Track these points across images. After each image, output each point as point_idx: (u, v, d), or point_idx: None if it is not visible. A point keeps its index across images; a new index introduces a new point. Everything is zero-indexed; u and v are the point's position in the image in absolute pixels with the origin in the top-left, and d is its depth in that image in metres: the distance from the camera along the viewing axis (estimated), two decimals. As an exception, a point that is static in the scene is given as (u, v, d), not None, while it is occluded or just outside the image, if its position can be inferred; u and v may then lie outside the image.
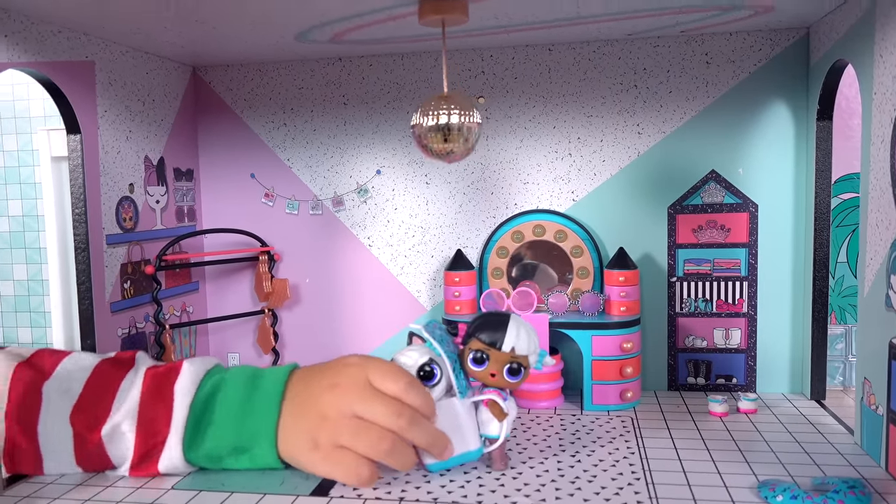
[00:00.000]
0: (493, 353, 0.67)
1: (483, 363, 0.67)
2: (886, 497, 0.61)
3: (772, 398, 0.90)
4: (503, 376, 0.67)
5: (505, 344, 0.66)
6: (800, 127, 0.89)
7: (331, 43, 0.89)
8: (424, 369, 0.66)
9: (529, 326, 0.68)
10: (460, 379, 0.68)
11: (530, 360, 0.68)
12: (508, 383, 0.67)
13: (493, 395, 0.67)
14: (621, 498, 0.61)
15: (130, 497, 0.64)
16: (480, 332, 0.67)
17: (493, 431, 0.67)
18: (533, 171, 0.96)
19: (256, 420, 0.65)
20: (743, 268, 0.92)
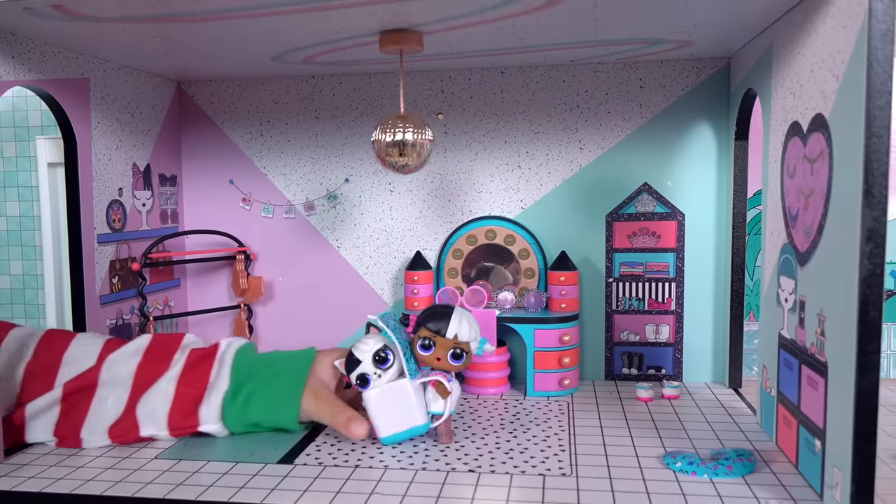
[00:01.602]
0: (438, 340, 0.77)
1: (430, 349, 0.77)
2: (770, 464, 0.72)
3: (695, 386, 1.01)
4: (447, 360, 0.77)
5: (448, 331, 0.77)
6: (721, 146, 1.00)
7: (304, 63, 0.98)
8: (379, 354, 0.77)
9: (471, 317, 0.79)
10: (410, 363, 0.78)
11: (472, 347, 0.78)
12: (452, 366, 0.77)
13: (438, 376, 0.77)
14: (545, 465, 0.72)
15: (119, 465, 0.73)
16: (427, 322, 0.78)
17: (438, 408, 0.78)
18: (486, 181, 1.06)
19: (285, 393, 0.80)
20: (671, 270, 1.03)
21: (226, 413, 0.78)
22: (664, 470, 0.70)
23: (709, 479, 0.68)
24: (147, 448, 0.77)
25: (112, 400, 0.78)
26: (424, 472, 0.71)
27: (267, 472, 0.71)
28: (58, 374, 0.79)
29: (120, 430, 0.77)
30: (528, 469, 0.71)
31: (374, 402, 0.77)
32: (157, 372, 0.80)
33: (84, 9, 0.72)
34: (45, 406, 0.77)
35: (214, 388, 0.79)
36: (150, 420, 0.78)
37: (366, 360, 0.77)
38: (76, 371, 0.79)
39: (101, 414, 0.77)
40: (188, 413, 0.78)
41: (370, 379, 0.77)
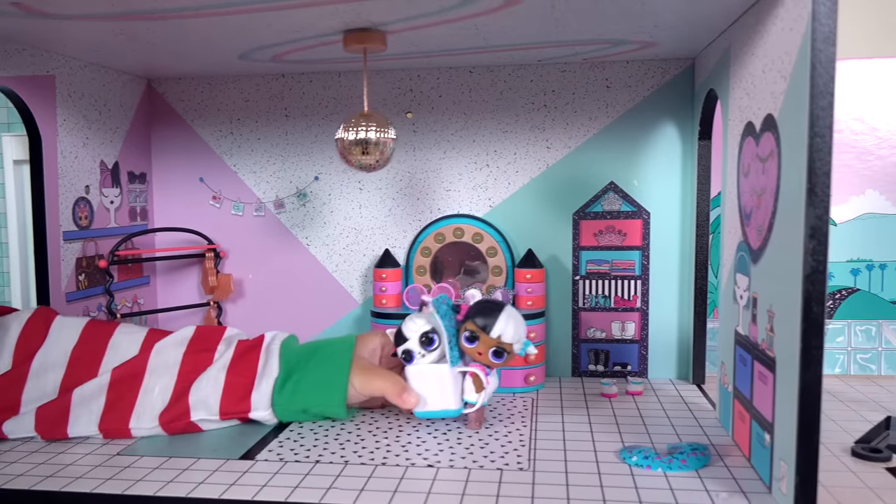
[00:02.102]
0: (482, 336, 0.78)
1: (474, 342, 0.79)
2: (724, 458, 0.73)
3: (660, 382, 1.02)
4: (488, 356, 0.79)
5: (494, 330, 0.78)
6: (686, 145, 1.01)
7: (272, 62, 0.99)
8: (426, 336, 0.81)
9: (519, 318, 0.80)
10: (453, 350, 0.80)
11: (514, 348, 0.80)
12: (492, 363, 0.79)
13: (477, 369, 0.80)
14: (504, 460, 0.73)
15: (81, 461, 0.73)
16: (476, 316, 0.79)
17: (472, 398, 0.80)
18: (455, 179, 1.07)
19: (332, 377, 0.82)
20: (637, 268, 1.04)
21: (275, 400, 0.81)
22: (620, 464, 0.71)
23: (663, 473, 0.69)
24: (110, 445, 0.78)
25: (159, 388, 0.80)
26: (384, 466, 0.71)
27: (227, 467, 0.71)
28: (103, 360, 0.82)
29: (170, 417, 0.79)
30: (486, 464, 0.72)
31: (414, 379, 0.81)
32: (203, 361, 0.83)
33: (45, 6, 0.72)
34: (91, 394, 0.79)
35: (264, 376, 0.82)
36: (202, 406, 0.80)
37: (412, 339, 0.81)
38: (121, 358, 0.82)
39: (149, 402, 0.80)
40: (239, 399, 0.81)
41: (415, 356, 0.81)
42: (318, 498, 0.64)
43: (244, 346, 0.85)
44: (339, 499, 0.64)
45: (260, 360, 0.83)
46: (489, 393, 0.81)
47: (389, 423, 0.84)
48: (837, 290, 1.03)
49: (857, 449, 0.74)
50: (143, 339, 0.84)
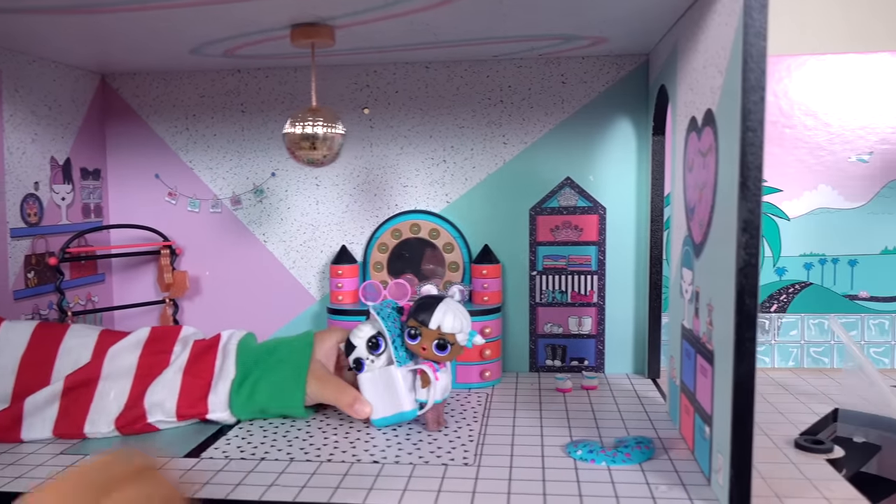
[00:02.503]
0: (423, 330, 0.79)
1: (416, 338, 0.79)
2: (669, 451, 0.73)
3: (616, 377, 1.03)
4: (432, 350, 0.79)
5: (432, 322, 0.78)
6: (641, 141, 1.02)
7: (225, 57, 0.98)
8: (372, 340, 0.82)
9: (459, 310, 0.80)
10: (398, 350, 0.80)
11: (458, 339, 0.79)
12: (437, 357, 0.79)
13: (424, 366, 0.80)
14: (450, 455, 0.73)
15: (21, 461, 0.72)
16: (416, 312, 0.80)
17: (422, 397, 0.80)
18: (412, 175, 1.06)
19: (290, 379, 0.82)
20: (593, 263, 1.04)
21: (233, 401, 0.81)
22: (566, 458, 0.72)
23: (606, 467, 0.69)
24: (54, 444, 0.77)
25: (115, 393, 0.79)
26: (329, 463, 0.71)
27: (171, 465, 0.71)
28: (54, 366, 0.80)
29: (126, 420, 0.78)
30: (431, 459, 0.72)
31: (367, 386, 0.82)
32: (159, 364, 0.82)
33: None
34: (44, 401, 0.78)
35: (221, 377, 0.81)
36: (158, 409, 0.79)
37: (360, 346, 0.82)
38: (73, 364, 0.80)
39: (104, 407, 0.78)
40: (196, 401, 0.80)
41: (364, 363, 0.82)
42: (258, 495, 0.64)
43: (200, 347, 0.84)
44: (279, 495, 0.64)
45: (216, 360, 0.83)
46: (441, 389, 0.81)
47: (341, 421, 0.84)
48: (791, 284, 1.04)
49: (800, 441, 0.74)
50: (95, 342, 0.83)
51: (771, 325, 1.05)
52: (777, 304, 1.04)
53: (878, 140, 1.01)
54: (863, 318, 1.03)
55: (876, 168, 1.01)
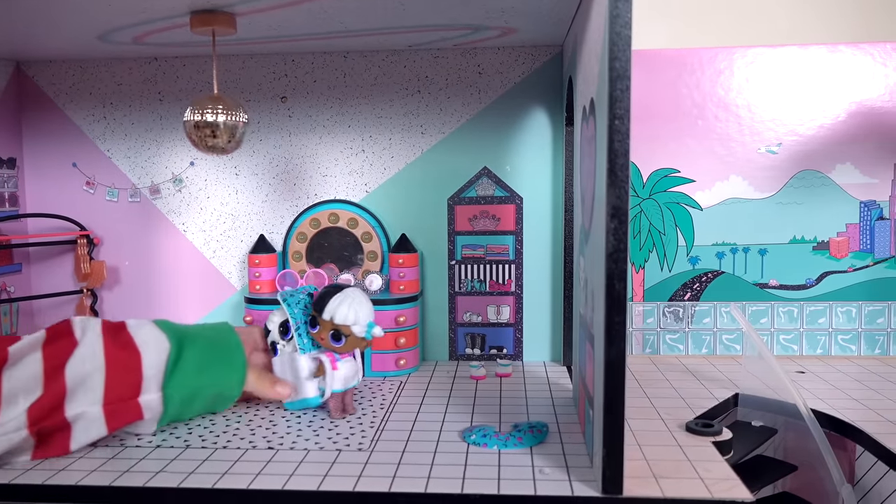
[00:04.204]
0: (320, 320, 0.79)
1: (315, 327, 0.80)
2: (563, 435, 0.74)
3: (533, 364, 1.04)
4: (328, 340, 0.79)
5: (325, 313, 0.78)
6: (556, 131, 1.03)
7: (136, 44, 0.97)
8: (283, 325, 0.84)
9: (357, 301, 0.78)
10: (301, 338, 0.81)
11: (353, 331, 0.78)
12: (333, 347, 0.80)
13: (322, 355, 0.80)
14: (346, 441, 0.73)
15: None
16: (316, 302, 0.80)
17: (322, 385, 0.81)
18: (331, 164, 1.06)
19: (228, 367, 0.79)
20: (511, 252, 1.05)
21: (170, 377, 0.73)
22: (460, 443, 0.73)
23: (497, 451, 0.70)
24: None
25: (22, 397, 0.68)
26: (224, 450, 0.71)
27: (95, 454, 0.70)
28: None
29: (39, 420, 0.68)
30: (327, 445, 0.72)
31: (278, 369, 0.84)
32: (67, 348, 0.71)
33: None
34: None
35: (149, 349, 0.73)
36: (80, 390, 0.69)
37: (273, 331, 0.85)
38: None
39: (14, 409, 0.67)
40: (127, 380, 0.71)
41: (277, 347, 0.84)
42: (142, 482, 0.64)
43: (109, 326, 0.75)
44: (165, 482, 0.64)
45: (134, 336, 0.74)
46: (343, 379, 0.81)
47: (247, 408, 0.84)
48: (704, 273, 1.06)
49: (690, 424, 0.76)
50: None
51: (685, 313, 1.07)
52: (691, 292, 1.06)
53: (787, 132, 1.03)
54: (773, 305, 1.05)
55: (784, 159, 1.04)
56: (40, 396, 0.68)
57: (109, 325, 0.75)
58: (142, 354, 0.73)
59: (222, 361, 0.79)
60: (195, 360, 0.76)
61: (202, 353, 0.77)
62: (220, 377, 0.78)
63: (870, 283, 1.04)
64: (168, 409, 0.74)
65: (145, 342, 0.74)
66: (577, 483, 0.63)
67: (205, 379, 0.77)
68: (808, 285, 1.05)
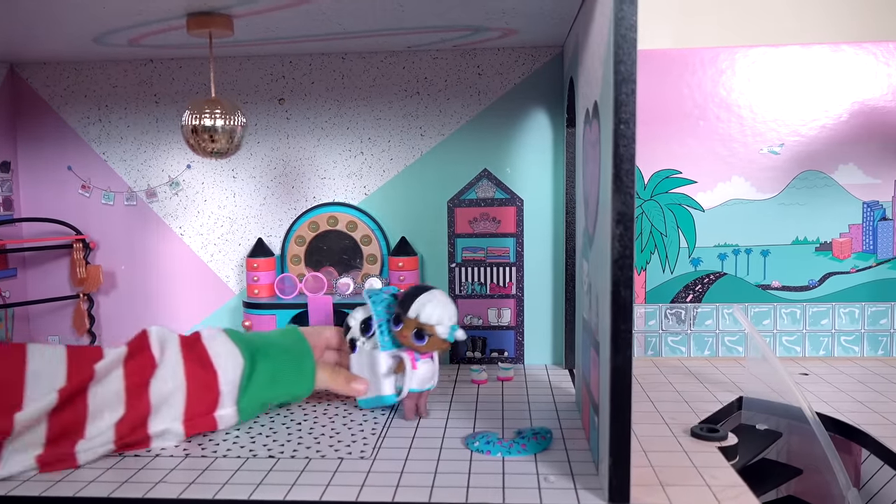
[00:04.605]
0: (405, 319, 0.79)
1: (399, 324, 0.80)
2: (567, 442, 0.74)
3: (535, 368, 1.03)
4: (411, 339, 0.79)
5: (412, 311, 0.79)
6: (557, 132, 1.02)
7: (130, 46, 0.96)
8: (364, 323, 0.84)
9: (443, 302, 0.80)
10: (384, 335, 0.82)
11: (437, 331, 0.79)
12: (415, 346, 0.80)
13: (403, 353, 0.80)
14: (348, 449, 0.72)
15: None
16: (402, 300, 0.81)
17: (399, 383, 0.81)
18: (329, 167, 1.05)
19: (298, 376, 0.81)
20: (511, 255, 1.04)
21: (244, 392, 0.76)
22: (463, 450, 0.72)
23: (501, 458, 0.69)
24: None
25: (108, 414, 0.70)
26: (224, 459, 0.70)
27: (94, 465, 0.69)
28: (24, 391, 0.67)
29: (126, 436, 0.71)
30: (329, 453, 0.71)
31: (355, 366, 0.85)
32: (148, 368, 0.73)
33: None
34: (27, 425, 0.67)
35: (226, 365, 0.75)
36: (164, 406, 0.72)
37: (354, 327, 0.85)
38: (48, 388, 0.68)
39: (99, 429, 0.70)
40: (204, 395, 0.74)
41: (357, 344, 0.84)
42: (142, 493, 0.63)
43: (186, 341, 0.77)
44: (164, 493, 0.63)
45: (209, 350, 0.76)
46: (420, 379, 0.81)
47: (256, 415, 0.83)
48: (706, 274, 1.05)
49: (695, 429, 0.75)
50: (66, 361, 0.70)
51: (687, 315, 1.06)
52: (693, 294, 1.06)
53: (789, 132, 1.03)
54: (775, 307, 1.05)
55: (787, 160, 1.03)
56: (125, 413, 0.71)
57: (186, 341, 0.77)
58: (218, 373, 0.75)
59: (293, 371, 0.81)
60: (268, 372, 0.78)
61: (274, 365, 0.79)
62: (291, 387, 0.81)
63: (873, 284, 1.03)
64: (241, 419, 0.78)
65: (221, 357, 0.76)
66: (583, 491, 0.62)
67: (277, 390, 0.80)
68: (811, 286, 1.04)
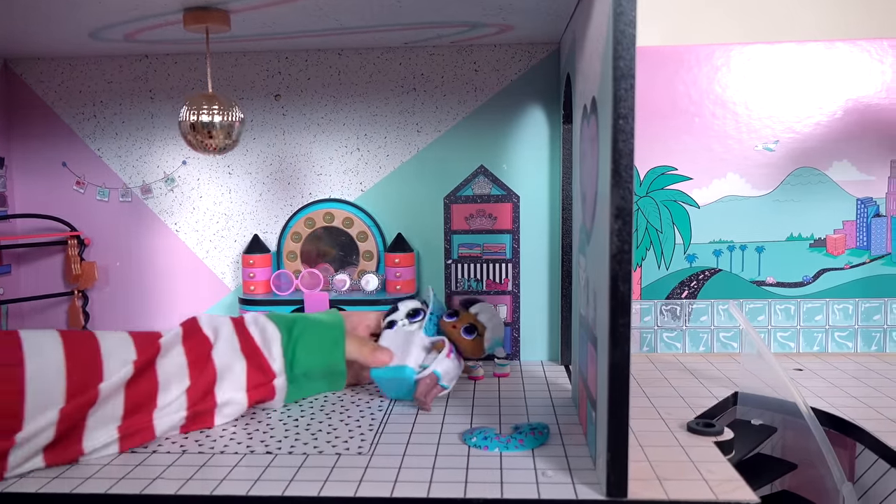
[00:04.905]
0: (463, 313, 0.89)
1: (453, 317, 0.89)
2: (565, 437, 0.74)
3: (531, 364, 1.03)
4: (460, 331, 0.88)
5: (474, 307, 0.90)
6: (553, 129, 1.02)
7: (126, 42, 0.95)
8: (414, 310, 0.91)
9: (500, 317, 0.93)
10: (430, 324, 0.89)
11: (487, 335, 0.88)
12: (462, 338, 0.88)
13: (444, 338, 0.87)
14: (346, 445, 0.72)
15: None
16: (464, 301, 0.92)
17: (428, 362, 0.85)
18: (325, 163, 1.05)
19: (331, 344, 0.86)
20: (508, 251, 1.05)
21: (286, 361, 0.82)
22: (460, 446, 0.72)
23: (499, 453, 0.70)
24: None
25: (175, 389, 0.75)
26: (222, 455, 0.70)
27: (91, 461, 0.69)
28: (102, 366, 0.71)
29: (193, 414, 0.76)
30: (326, 449, 0.71)
31: (387, 337, 0.88)
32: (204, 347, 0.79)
33: None
34: (107, 396, 0.70)
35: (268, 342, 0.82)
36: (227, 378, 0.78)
37: (401, 311, 0.91)
38: (122, 363, 0.72)
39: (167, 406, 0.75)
40: (259, 369, 0.80)
41: (396, 325, 0.89)
42: (139, 489, 0.63)
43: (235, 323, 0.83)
44: (162, 489, 0.63)
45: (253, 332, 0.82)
46: (445, 369, 0.84)
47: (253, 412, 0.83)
48: (701, 270, 1.06)
49: (692, 424, 0.76)
50: (132, 342, 0.75)
51: (682, 311, 1.06)
52: (688, 290, 1.06)
53: (784, 129, 1.03)
54: (770, 303, 1.05)
55: (781, 156, 1.04)
56: (192, 383, 0.76)
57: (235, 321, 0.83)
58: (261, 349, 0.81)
59: (325, 339, 0.85)
60: (304, 342, 0.83)
61: (308, 335, 0.84)
62: (326, 354, 0.85)
63: (866, 280, 1.04)
64: (291, 392, 0.84)
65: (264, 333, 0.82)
66: (581, 486, 0.62)
67: (315, 357, 0.84)
68: (805, 283, 1.05)
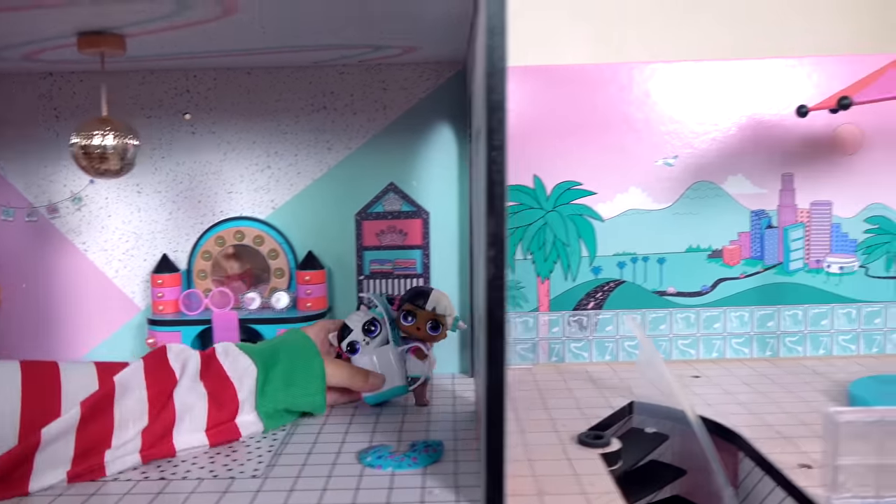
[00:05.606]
0: (419, 313, 0.88)
1: (410, 320, 0.89)
2: (459, 453, 0.76)
3: (443, 377, 1.05)
4: (426, 330, 0.89)
5: (428, 304, 0.89)
6: (461, 146, 1.04)
7: (27, 61, 0.94)
8: (369, 324, 0.90)
9: (447, 296, 0.90)
10: (395, 331, 0.90)
11: (447, 321, 0.89)
12: (430, 336, 0.89)
13: (419, 344, 0.89)
14: (242, 468, 0.73)
15: None
16: (411, 298, 0.90)
17: (417, 371, 0.90)
18: (236, 181, 1.06)
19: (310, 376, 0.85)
20: (419, 266, 1.06)
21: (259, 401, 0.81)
22: (355, 465, 0.73)
23: (391, 472, 0.71)
24: None
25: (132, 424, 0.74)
26: (115, 482, 0.70)
27: None
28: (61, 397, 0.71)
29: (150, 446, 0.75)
30: (221, 472, 0.72)
31: (361, 363, 0.89)
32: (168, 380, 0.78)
33: None
34: (56, 435, 0.69)
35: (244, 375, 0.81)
36: (186, 417, 0.77)
37: (356, 330, 0.90)
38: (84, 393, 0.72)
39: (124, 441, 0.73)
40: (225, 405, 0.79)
41: (359, 346, 0.89)
42: (23, 521, 0.62)
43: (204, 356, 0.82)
44: (46, 520, 0.63)
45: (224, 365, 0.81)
46: (433, 364, 0.90)
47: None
48: (606, 282, 1.09)
49: (582, 436, 0.79)
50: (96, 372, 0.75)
51: (588, 321, 1.10)
52: (594, 301, 1.09)
53: (682, 144, 1.07)
54: (671, 312, 1.09)
55: (681, 171, 1.08)
56: (150, 423, 0.74)
57: (203, 356, 0.82)
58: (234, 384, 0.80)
59: (303, 370, 0.85)
60: (280, 375, 0.83)
61: (285, 366, 0.83)
62: (305, 385, 0.84)
63: (761, 289, 1.09)
64: (267, 426, 0.82)
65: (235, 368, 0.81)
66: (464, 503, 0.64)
67: (292, 390, 0.83)
68: (704, 292, 1.09)
